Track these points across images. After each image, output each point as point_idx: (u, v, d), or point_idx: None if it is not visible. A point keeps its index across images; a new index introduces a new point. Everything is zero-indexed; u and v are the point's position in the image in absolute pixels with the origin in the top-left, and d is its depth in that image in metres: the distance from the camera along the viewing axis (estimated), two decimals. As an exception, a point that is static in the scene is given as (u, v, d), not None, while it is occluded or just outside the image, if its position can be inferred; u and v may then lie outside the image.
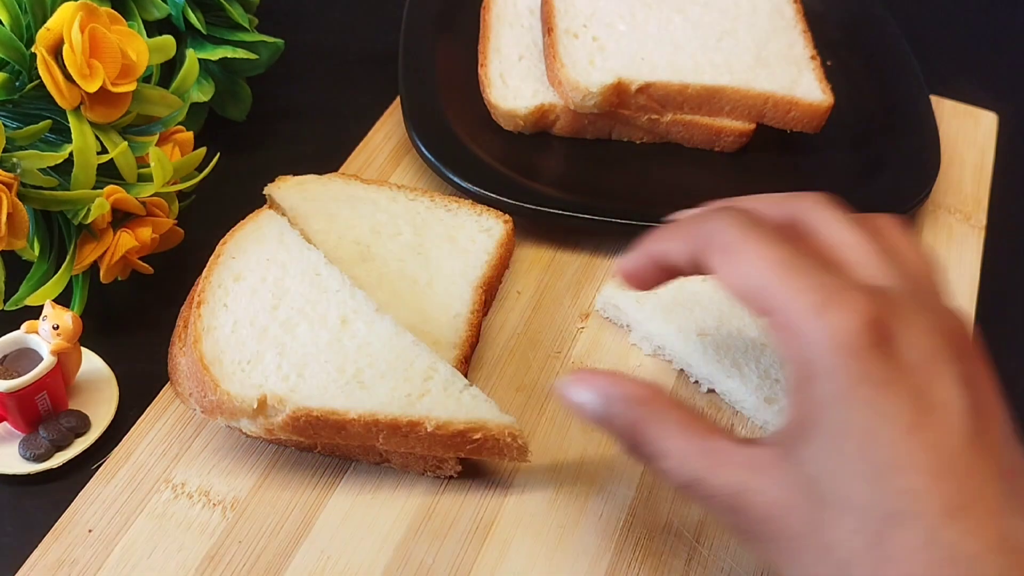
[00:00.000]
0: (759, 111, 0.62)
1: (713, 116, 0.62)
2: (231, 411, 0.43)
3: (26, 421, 0.46)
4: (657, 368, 0.52)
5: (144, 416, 0.48)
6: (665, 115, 0.62)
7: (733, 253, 0.35)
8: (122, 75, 0.47)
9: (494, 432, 0.44)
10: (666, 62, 0.62)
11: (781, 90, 0.61)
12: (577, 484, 0.47)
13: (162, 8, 0.57)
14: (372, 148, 0.63)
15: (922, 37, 0.72)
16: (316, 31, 0.72)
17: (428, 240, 0.54)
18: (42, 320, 0.45)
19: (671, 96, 0.61)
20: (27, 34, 0.48)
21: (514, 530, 0.45)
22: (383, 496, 0.46)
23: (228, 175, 0.55)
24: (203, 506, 0.45)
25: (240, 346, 0.46)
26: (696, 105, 0.61)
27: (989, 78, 0.75)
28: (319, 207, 0.54)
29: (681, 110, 0.62)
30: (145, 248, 0.50)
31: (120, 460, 0.46)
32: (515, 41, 0.66)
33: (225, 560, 0.43)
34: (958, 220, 0.63)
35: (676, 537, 0.45)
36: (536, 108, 0.61)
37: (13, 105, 0.48)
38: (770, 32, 0.65)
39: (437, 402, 0.44)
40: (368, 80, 0.68)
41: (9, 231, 0.45)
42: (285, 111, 0.66)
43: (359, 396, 0.44)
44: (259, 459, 0.47)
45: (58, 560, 0.43)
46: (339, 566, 0.43)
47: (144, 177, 0.49)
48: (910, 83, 0.67)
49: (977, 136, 0.68)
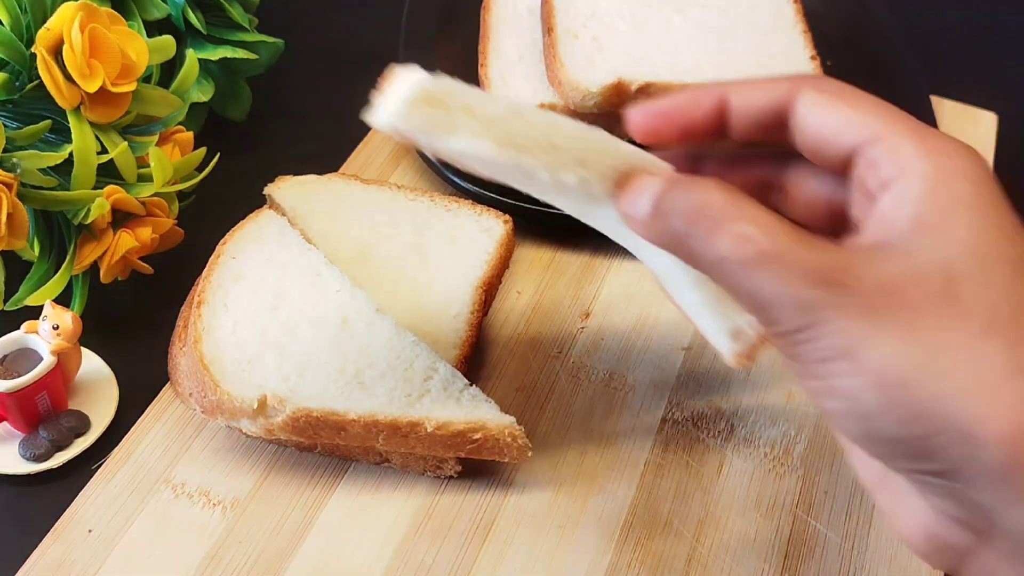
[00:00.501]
0: (759, 111, 0.62)
1: (713, 116, 0.62)
2: (231, 411, 0.43)
3: (26, 421, 0.46)
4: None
5: (144, 416, 0.48)
6: (665, 115, 0.62)
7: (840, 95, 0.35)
8: (122, 75, 0.47)
9: (494, 432, 0.44)
10: (666, 62, 0.62)
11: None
12: (577, 484, 0.47)
13: (162, 8, 0.57)
14: (372, 148, 0.63)
15: (922, 37, 0.72)
16: (316, 31, 0.72)
17: (428, 240, 0.54)
18: (42, 320, 0.45)
19: (671, 96, 0.61)
20: (27, 34, 0.48)
21: (514, 530, 0.45)
22: (383, 496, 0.46)
23: (228, 175, 0.55)
24: (203, 506, 0.45)
25: (240, 346, 0.46)
26: (696, 105, 0.61)
27: (989, 78, 0.75)
28: (319, 207, 0.54)
29: (681, 110, 0.62)
30: (145, 248, 0.50)
31: (120, 460, 0.46)
32: (515, 41, 0.65)
33: (225, 560, 0.43)
34: (958, 220, 0.63)
35: (676, 537, 0.45)
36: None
37: (13, 105, 0.48)
38: (770, 32, 0.65)
39: (437, 402, 0.44)
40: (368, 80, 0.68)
41: (9, 231, 0.45)
42: (285, 111, 0.66)
43: (359, 396, 0.44)
44: (259, 459, 0.47)
45: (58, 560, 0.43)
46: (339, 566, 0.43)
47: (144, 177, 0.49)
48: (910, 83, 0.67)
49: (977, 136, 0.68)
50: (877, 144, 0.33)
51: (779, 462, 0.48)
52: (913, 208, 0.31)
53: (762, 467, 0.48)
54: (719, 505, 0.46)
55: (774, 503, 0.47)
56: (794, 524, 0.46)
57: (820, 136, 0.35)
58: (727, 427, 0.49)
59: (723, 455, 0.48)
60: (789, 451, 0.49)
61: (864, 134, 0.33)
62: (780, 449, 0.49)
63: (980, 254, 0.30)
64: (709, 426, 0.49)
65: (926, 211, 0.31)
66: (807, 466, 0.48)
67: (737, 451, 0.48)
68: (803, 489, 0.47)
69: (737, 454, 0.48)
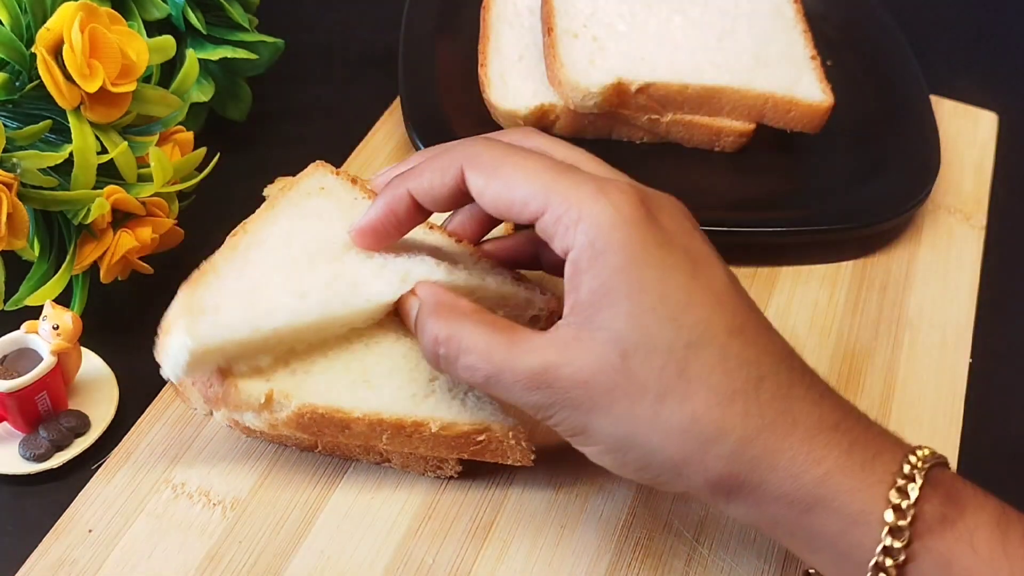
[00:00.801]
0: (759, 111, 0.62)
1: (713, 116, 0.62)
2: (236, 403, 0.43)
3: (26, 421, 0.46)
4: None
5: (144, 416, 0.48)
6: (665, 115, 0.62)
7: (500, 167, 0.40)
8: (122, 75, 0.47)
9: (498, 434, 0.44)
10: (666, 62, 0.62)
11: (781, 90, 0.61)
12: (577, 484, 0.47)
13: (162, 8, 0.57)
14: (372, 148, 0.63)
15: (922, 37, 0.72)
16: (316, 31, 0.72)
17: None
18: (42, 320, 0.45)
19: (671, 96, 0.61)
20: (27, 34, 0.48)
21: (514, 530, 0.45)
22: (383, 496, 0.46)
23: (228, 175, 0.55)
24: (203, 506, 0.45)
25: None
26: (696, 105, 0.61)
27: (989, 78, 0.75)
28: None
29: (681, 110, 0.62)
30: (145, 248, 0.50)
31: (120, 460, 0.46)
32: (515, 41, 0.66)
33: (225, 560, 0.43)
34: (958, 220, 0.63)
35: (676, 537, 0.45)
36: (536, 108, 0.61)
37: (13, 105, 0.48)
38: (770, 32, 0.65)
39: (442, 403, 0.44)
40: (368, 80, 0.68)
41: (9, 231, 0.45)
42: (285, 111, 0.66)
43: (365, 395, 0.44)
44: (259, 459, 0.47)
45: (58, 560, 0.43)
46: (339, 566, 0.43)
47: (144, 177, 0.49)
48: (910, 83, 0.67)
49: (977, 136, 0.68)
50: (542, 218, 0.39)
51: (779, 462, 0.48)
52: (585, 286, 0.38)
53: (762, 467, 0.48)
54: (719, 505, 0.46)
55: (774, 503, 0.47)
56: (794, 524, 0.46)
57: (497, 210, 0.40)
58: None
59: (723, 455, 0.48)
60: (789, 451, 0.49)
61: (530, 208, 0.39)
62: (780, 449, 0.49)
63: (641, 326, 0.37)
64: (709, 426, 0.49)
65: (594, 288, 0.37)
66: (807, 466, 0.48)
67: (737, 451, 0.48)
68: (803, 489, 0.47)
69: (737, 454, 0.48)
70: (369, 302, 0.44)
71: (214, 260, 0.44)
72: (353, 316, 0.44)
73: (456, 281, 0.44)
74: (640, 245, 0.37)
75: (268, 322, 0.42)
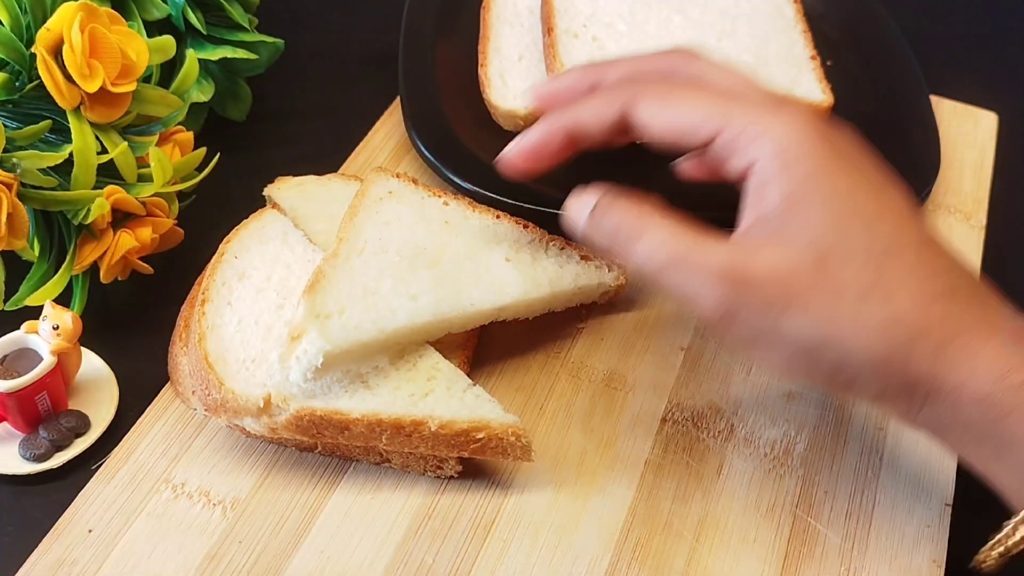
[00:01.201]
0: (759, 111, 0.62)
1: (713, 116, 0.62)
2: (235, 409, 0.43)
3: (26, 421, 0.46)
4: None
5: (144, 416, 0.48)
6: (665, 115, 0.62)
7: (670, 98, 0.41)
8: (122, 75, 0.47)
9: (497, 432, 0.44)
10: (666, 62, 0.62)
11: (781, 90, 0.61)
12: (577, 484, 0.47)
13: (162, 8, 0.57)
14: (372, 148, 0.63)
15: (922, 37, 0.72)
16: (316, 31, 0.72)
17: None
18: (42, 320, 0.45)
19: (671, 96, 0.61)
20: (27, 34, 0.48)
21: (514, 530, 0.45)
22: (383, 496, 0.46)
23: (228, 175, 0.55)
24: (203, 506, 0.45)
25: (245, 345, 0.46)
26: (696, 105, 0.61)
27: (989, 78, 0.75)
28: (319, 208, 0.54)
29: (681, 110, 0.62)
30: (145, 248, 0.50)
31: (120, 460, 0.46)
32: (515, 41, 0.66)
33: (225, 560, 0.43)
34: (958, 220, 0.63)
35: (676, 537, 0.45)
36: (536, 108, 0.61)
37: (13, 105, 0.48)
38: (770, 32, 0.65)
39: (440, 402, 0.44)
40: (368, 80, 0.68)
41: (9, 231, 0.45)
42: (285, 111, 0.66)
43: (363, 396, 0.44)
44: (259, 459, 0.47)
45: (58, 560, 0.43)
46: (339, 566, 0.43)
47: (144, 177, 0.49)
48: (910, 83, 0.67)
49: (977, 136, 0.68)
50: (719, 137, 0.40)
51: (779, 462, 0.48)
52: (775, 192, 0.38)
53: (762, 467, 0.48)
54: (719, 505, 0.46)
55: (774, 503, 0.47)
56: (794, 524, 0.46)
57: (667, 140, 0.42)
58: (727, 427, 0.49)
59: (723, 455, 0.48)
60: (789, 451, 0.49)
61: (705, 130, 0.40)
62: (780, 449, 0.49)
63: (838, 229, 0.38)
64: (709, 426, 0.49)
65: (786, 194, 0.38)
66: (807, 466, 0.48)
67: (737, 451, 0.48)
68: (803, 489, 0.47)
69: (737, 454, 0.48)
70: (472, 306, 0.47)
71: (322, 268, 0.46)
72: (461, 320, 0.47)
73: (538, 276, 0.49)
74: (828, 156, 0.39)
75: (391, 323, 0.44)
